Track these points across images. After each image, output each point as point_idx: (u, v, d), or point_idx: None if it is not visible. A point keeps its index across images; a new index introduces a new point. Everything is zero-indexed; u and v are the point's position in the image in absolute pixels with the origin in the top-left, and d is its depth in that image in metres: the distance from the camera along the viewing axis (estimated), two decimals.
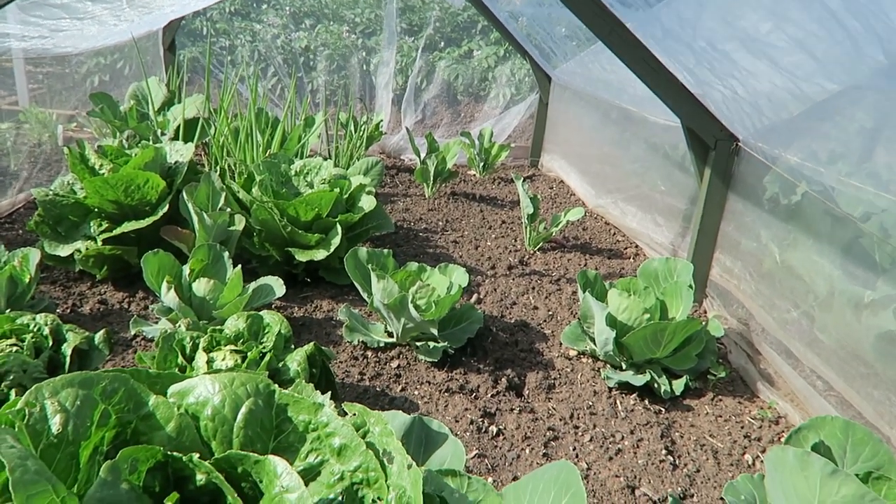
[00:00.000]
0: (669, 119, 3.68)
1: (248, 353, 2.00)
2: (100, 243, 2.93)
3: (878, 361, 2.27)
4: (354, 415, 1.24)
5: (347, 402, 1.27)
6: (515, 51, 6.21)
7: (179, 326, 2.17)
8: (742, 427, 2.46)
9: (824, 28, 2.67)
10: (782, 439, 2.42)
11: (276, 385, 1.10)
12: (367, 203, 3.28)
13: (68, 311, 2.85)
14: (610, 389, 2.62)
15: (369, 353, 2.69)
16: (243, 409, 1.04)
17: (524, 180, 5.57)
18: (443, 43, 10.02)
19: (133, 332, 2.65)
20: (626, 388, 2.62)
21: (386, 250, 2.85)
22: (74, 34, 3.36)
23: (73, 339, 2.14)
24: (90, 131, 5.53)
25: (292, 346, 2.16)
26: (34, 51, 3.72)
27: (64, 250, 2.95)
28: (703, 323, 2.73)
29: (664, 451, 2.27)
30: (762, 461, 2.32)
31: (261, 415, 1.05)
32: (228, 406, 1.04)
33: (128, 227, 2.91)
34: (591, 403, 2.52)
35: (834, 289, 2.52)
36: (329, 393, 1.24)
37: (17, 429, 0.91)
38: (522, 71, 8.03)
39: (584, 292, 2.76)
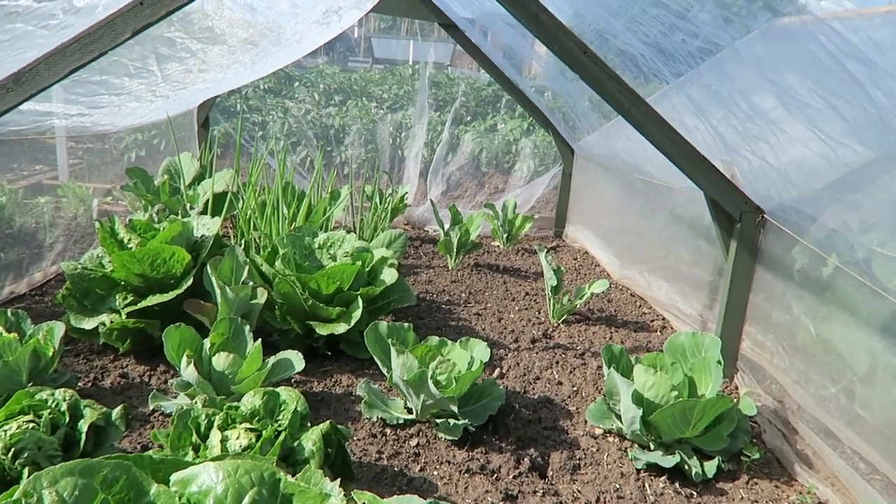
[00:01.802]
0: (693, 188, 3.67)
1: (263, 432, 1.97)
2: (124, 316, 2.96)
3: None
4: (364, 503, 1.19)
5: (357, 491, 1.23)
6: (539, 123, 6.31)
7: (195, 403, 2.15)
8: None
9: (850, 99, 2.66)
10: None
11: (283, 473, 1.06)
12: (389, 276, 3.28)
13: (90, 384, 2.86)
14: (638, 471, 2.50)
15: (388, 431, 2.63)
16: (246, 500, 1.00)
17: (548, 251, 5.55)
18: (469, 117, 10.27)
19: (152, 407, 2.63)
20: (654, 469, 2.50)
21: (406, 324, 2.83)
22: (113, 111, 3.51)
23: (89, 415, 2.13)
24: (125, 205, 5.70)
25: (308, 424, 2.12)
26: (75, 129, 3.89)
27: (89, 323, 2.98)
28: (735, 401, 2.62)
29: None
30: None
31: None
32: (231, 496, 1.00)
33: (152, 300, 2.94)
34: (618, 486, 2.40)
35: (876, 363, 2.41)
36: (338, 480, 1.20)
37: None
38: (546, 143, 8.15)
39: (609, 368, 2.69)
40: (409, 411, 2.71)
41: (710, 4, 3.31)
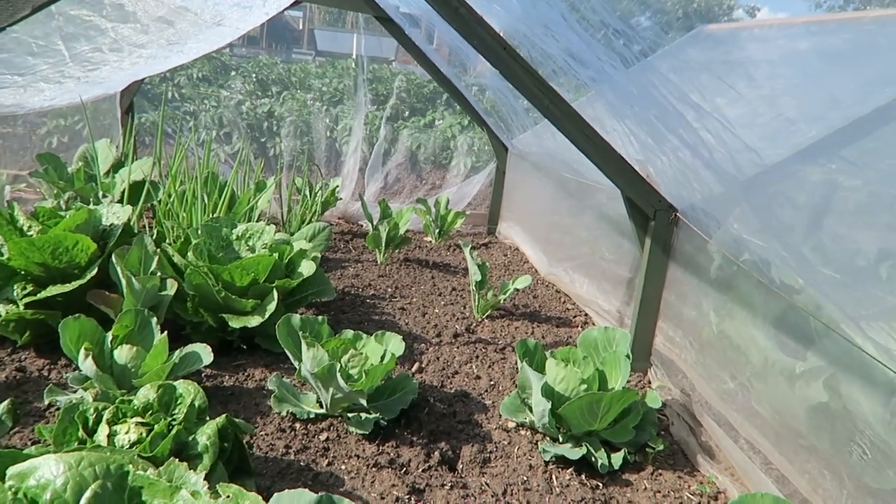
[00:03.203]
0: (615, 187, 3.74)
1: (155, 426, 1.90)
2: (21, 307, 2.82)
3: (810, 434, 2.24)
4: (228, 496, 1.16)
5: (223, 483, 1.19)
6: (473, 120, 6.33)
7: (85, 396, 2.06)
8: (681, 503, 2.38)
9: (768, 101, 2.76)
10: None
11: (132, 466, 1.02)
12: (307, 268, 3.23)
13: None
14: (546, 463, 2.53)
15: (298, 425, 2.58)
16: (87, 494, 0.95)
17: (478, 247, 5.57)
18: (408, 112, 10.24)
19: (47, 402, 2.51)
20: (562, 461, 2.54)
21: (321, 317, 2.78)
22: (18, 91, 3.33)
23: None
24: (42, 192, 5.45)
25: (206, 418, 2.05)
26: None
27: None
28: (641, 394, 2.68)
29: None
30: None
31: (108, 499, 0.97)
32: (71, 489, 0.95)
33: (53, 290, 2.81)
34: (525, 478, 2.42)
35: (767, 359, 2.50)
36: (201, 474, 1.16)
37: None
38: (483, 140, 8.18)
39: (522, 361, 2.71)
40: (321, 405, 2.66)
41: (650, 13, 3.38)
